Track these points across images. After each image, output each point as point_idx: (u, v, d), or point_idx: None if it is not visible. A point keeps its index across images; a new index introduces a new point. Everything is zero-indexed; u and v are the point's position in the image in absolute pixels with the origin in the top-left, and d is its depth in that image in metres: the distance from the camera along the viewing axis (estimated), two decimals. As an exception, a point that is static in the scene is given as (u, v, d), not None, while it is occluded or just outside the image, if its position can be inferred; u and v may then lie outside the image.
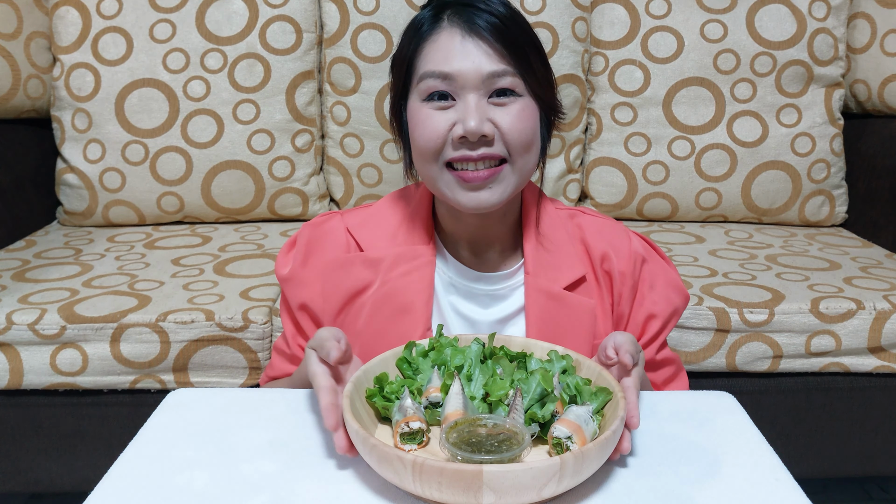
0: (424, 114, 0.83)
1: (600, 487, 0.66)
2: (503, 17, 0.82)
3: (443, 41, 0.82)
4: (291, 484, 0.67)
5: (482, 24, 0.81)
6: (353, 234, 0.93)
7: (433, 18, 0.84)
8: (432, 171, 0.84)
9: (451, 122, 0.82)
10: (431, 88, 0.82)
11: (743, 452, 0.72)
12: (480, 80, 0.80)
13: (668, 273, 0.95)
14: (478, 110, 0.80)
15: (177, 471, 0.69)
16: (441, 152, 0.82)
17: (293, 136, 1.75)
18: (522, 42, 0.82)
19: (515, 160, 0.83)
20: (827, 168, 1.79)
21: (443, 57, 0.81)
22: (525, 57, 0.82)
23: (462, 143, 0.81)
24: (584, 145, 1.85)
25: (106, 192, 1.72)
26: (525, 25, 0.85)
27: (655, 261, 0.95)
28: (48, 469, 1.35)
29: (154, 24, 1.70)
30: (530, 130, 0.83)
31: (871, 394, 1.37)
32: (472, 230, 0.91)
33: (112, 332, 1.25)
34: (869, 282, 1.42)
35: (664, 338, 0.94)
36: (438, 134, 0.82)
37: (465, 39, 0.81)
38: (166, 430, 0.76)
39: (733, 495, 0.65)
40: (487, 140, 0.81)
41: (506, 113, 0.82)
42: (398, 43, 0.88)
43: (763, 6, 1.76)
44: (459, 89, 0.81)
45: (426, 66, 0.82)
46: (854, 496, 1.69)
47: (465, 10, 0.82)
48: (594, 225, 0.94)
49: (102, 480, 0.68)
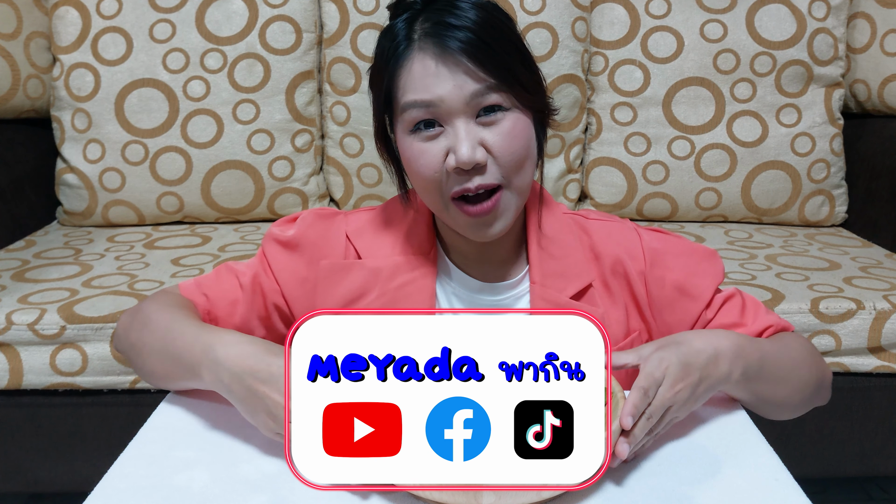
0: (417, 148, 0.79)
1: (600, 488, 0.65)
2: (477, 30, 0.76)
3: (416, 69, 0.77)
4: (291, 484, 0.67)
5: (455, 45, 0.75)
6: (353, 240, 0.90)
7: (406, 39, 0.78)
8: (437, 203, 0.81)
9: (444, 150, 0.78)
10: (416, 118, 0.78)
11: (743, 452, 0.71)
12: (464, 102, 0.76)
13: (683, 245, 0.91)
14: (468, 138, 0.76)
15: (177, 471, 0.69)
16: (441, 185, 0.79)
17: (293, 136, 1.75)
18: (502, 51, 0.77)
19: (512, 181, 0.80)
20: (827, 168, 1.79)
21: (421, 85, 0.76)
22: (507, 67, 0.77)
23: (458, 174, 0.78)
24: (583, 145, 1.85)
25: (106, 192, 1.72)
26: (502, 28, 0.79)
27: (670, 243, 0.91)
28: (48, 469, 1.35)
29: (154, 23, 1.70)
30: (523, 148, 0.79)
31: (871, 394, 1.37)
32: (474, 243, 0.87)
33: (112, 332, 1.25)
34: (869, 282, 1.42)
35: (710, 297, 0.88)
36: (435, 168, 0.78)
37: (439, 65, 0.76)
38: (166, 430, 0.76)
39: (733, 495, 0.65)
40: (481, 166, 0.77)
41: (496, 133, 0.77)
42: (374, 51, 0.83)
43: (763, 6, 1.76)
44: (445, 115, 0.77)
45: (406, 96, 0.78)
46: (854, 496, 1.69)
47: (435, 30, 0.77)
48: (603, 229, 0.90)
49: (102, 480, 0.68)
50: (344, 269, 0.88)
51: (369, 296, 0.87)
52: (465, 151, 0.75)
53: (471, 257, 0.89)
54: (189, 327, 0.78)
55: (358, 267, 0.88)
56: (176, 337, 0.78)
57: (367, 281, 0.87)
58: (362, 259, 0.88)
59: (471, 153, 0.75)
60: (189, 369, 0.76)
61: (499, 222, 0.80)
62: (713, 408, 0.79)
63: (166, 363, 0.79)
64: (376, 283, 0.87)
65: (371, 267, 0.87)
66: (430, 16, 0.77)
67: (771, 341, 0.81)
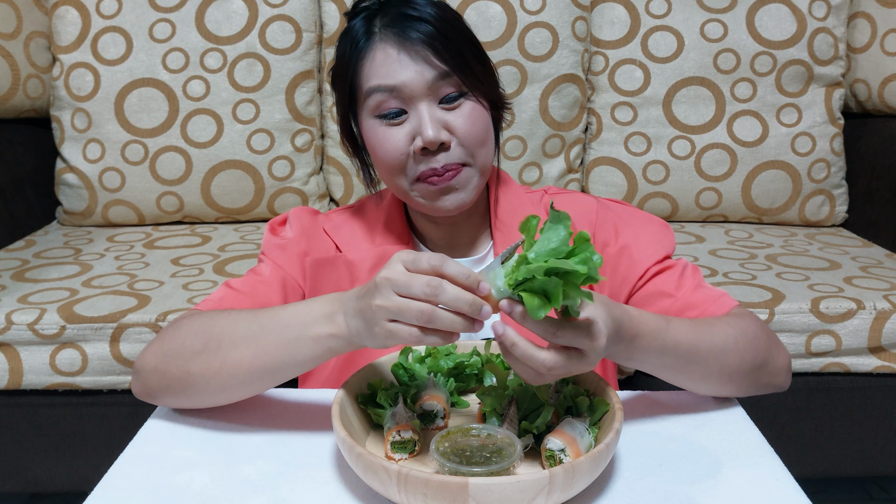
0: (381, 133, 0.84)
1: (600, 488, 0.65)
2: (434, 23, 0.83)
3: (379, 57, 0.83)
4: (291, 484, 0.67)
5: (415, 34, 0.82)
6: (331, 235, 0.94)
7: (366, 34, 0.84)
8: (402, 185, 0.87)
9: (409, 134, 0.84)
10: (381, 104, 0.83)
11: (743, 452, 0.71)
12: (426, 86, 0.82)
13: (639, 215, 0.95)
14: (432, 119, 0.82)
15: (177, 471, 0.69)
16: (406, 167, 0.85)
17: (293, 135, 1.75)
18: (457, 42, 0.84)
19: (476, 159, 0.85)
20: (827, 168, 1.79)
21: (385, 72, 0.82)
22: (462, 56, 0.83)
23: (424, 155, 0.83)
24: (584, 145, 1.85)
25: (105, 191, 1.72)
26: (455, 22, 0.86)
27: (626, 211, 0.96)
28: (48, 469, 1.35)
29: (154, 23, 1.70)
30: (483, 129, 0.85)
31: (871, 394, 1.37)
32: (444, 227, 0.94)
33: (112, 332, 1.25)
34: (869, 281, 1.41)
35: (651, 263, 0.89)
36: (400, 151, 0.84)
37: (400, 52, 0.82)
38: (166, 430, 0.76)
39: (733, 495, 0.65)
40: (445, 147, 0.83)
41: (458, 116, 0.84)
42: (335, 54, 0.89)
43: (763, 6, 1.76)
44: (409, 99, 0.83)
45: (369, 81, 0.84)
46: (854, 496, 1.69)
47: (395, 22, 0.83)
48: (561, 199, 0.96)
49: (102, 480, 0.68)
50: (328, 264, 0.91)
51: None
52: (431, 132, 0.82)
53: (442, 241, 0.95)
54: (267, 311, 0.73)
55: (340, 260, 0.92)
56: (270, 312, 0.72)
57: (350, 273, 0.91)
58: (342, 252, 0.92)
59: (436, 133, 0.82)
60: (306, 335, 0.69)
61: (460, 193, 0.86)
62: (713, 408, 0.80)
63: (264, 339, 0.71)
64: (359, 276, 0.91)
65: (351, 259, 0.92)
66: (388, 11, 0.84)
67: (683, 322, 0.75)
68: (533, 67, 1.73)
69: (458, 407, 0.79)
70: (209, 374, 0.72)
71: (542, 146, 1.78)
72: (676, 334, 0.72)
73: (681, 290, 0.87)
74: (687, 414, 0.78)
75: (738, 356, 0.76)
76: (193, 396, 0.75)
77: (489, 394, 0.73)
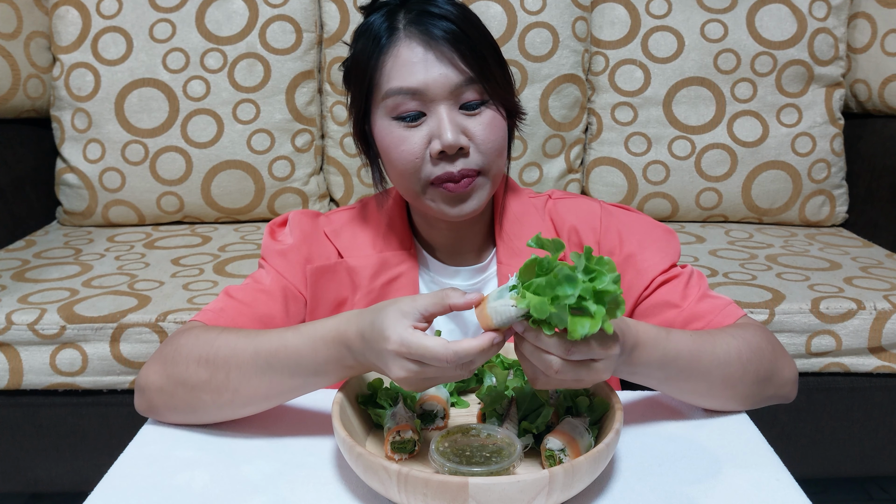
0: (398, 135, 0.82)
1: (600, 488, 0.65)
2: (457, 21, 0.81)
3: (404, 55, 0.80)
4: (291, 484, 0.67)
5: (440, 33, 0.80)
6: (332, 239, 0.92)
7: (389, 29, 0.82)
8: (414, 188, 0.84)
9: (426, 137, 0.81)
10: (400, 106, 0.81)
11: (743, 452, 0.71)
12: (449, 91, 0.80)
13: (644, 221, 0.93)
14: (451, 123, 0.80)
15: (177, 471, 0.69)
16: (420, 170, 0.82)
17: (293, 135, 1.75)
18: (481, 46, 0.82)
19: (491, 168, 0.83)
20: (827, 168, 1.79)
21: (408, 72, 0.80)
22: (485, 61, 0.81)
23: (441, 158, 0.81)
24: (584, 145, 1.85)
25: (106, 191, 1.72)
26: (477, 22, 0.84)
27: (630, 218, 0.93)
28: (48, 469, 1.35)
29: (154, 23, 1.70)
30: (501, 138, 0.84)
31: (871, 394, 1.37)
32: (448, 233, 0.92)
33: (112, 332, 1.25)
34: (869, 282, 1.41)
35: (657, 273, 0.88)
36: (416, 154, 0.81)
37: (427, 51, 0.80)
38: (166, 430, 0.76)
39: (733, 495, 0.65)
40: (464, 152, 0.81)
41: (478, 123, 0.81)
42: (351, 51, 0.86)
43: (763, 6, 1.76)
44: (429, 102, 0.80)
45: (390, 82, 0.81)
46: (854, 496, 1.69)
47: (420, 19, 0.81)
48: (565, 205, 0.94)
49: (102, 481, 0.68)
50: (329, 271, 0.90)
51: (356, 295, 0.90)
52: (451, 136, 0.79)
53: (445, 248, 0.93)
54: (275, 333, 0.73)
55: (342, 267, 0.90)
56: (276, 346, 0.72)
57: (351, 280, 0.90)
58: (344, 258, 0.91)
59: (455, 136, 0.80)
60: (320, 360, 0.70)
61: (472, 201, 0.84)
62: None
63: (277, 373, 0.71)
64: (361, 283, 0.90)
65: (353, 266, 0.90)
66: (411, 7, 0.82)
67: (684, 333, 0.75)
68: (533, 67, 1.73)
69: (458, 407, 0.79)
70: (222, 402, 0.73)
71: (542, 146, 1.78)
72: (677, 345, 0.72)
73: (686, 301, 0.86)
74: (687, 414, 0.78)
75: (742, 368, 0.75)
76: (203, 417, 0.76)
77: (489, 394, 0.73)
